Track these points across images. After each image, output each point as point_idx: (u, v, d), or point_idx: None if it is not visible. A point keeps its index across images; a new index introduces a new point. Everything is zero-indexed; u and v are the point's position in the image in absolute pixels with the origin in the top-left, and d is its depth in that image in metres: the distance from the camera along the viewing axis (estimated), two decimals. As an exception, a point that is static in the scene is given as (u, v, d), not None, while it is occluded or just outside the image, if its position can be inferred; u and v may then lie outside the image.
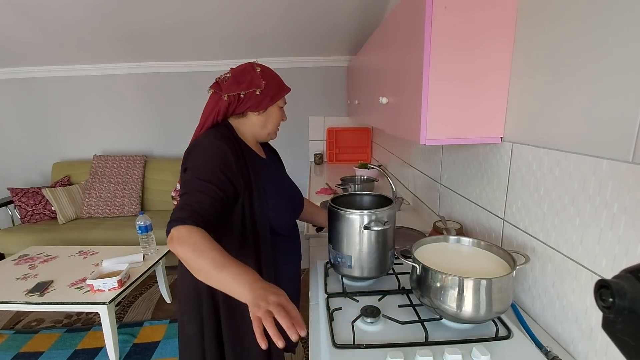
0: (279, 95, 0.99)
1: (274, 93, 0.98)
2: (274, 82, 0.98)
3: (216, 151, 0.87)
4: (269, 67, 1.01)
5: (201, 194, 0.80)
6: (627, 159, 0.60)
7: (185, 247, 0.71)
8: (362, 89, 2.03)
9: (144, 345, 2.00)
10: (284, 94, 1.01)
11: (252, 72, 0.96)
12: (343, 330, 0.81)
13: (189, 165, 0.87)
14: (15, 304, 1.74)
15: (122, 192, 3.09)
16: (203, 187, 0.81)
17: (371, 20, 2.47)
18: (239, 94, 0.93)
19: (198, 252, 0.70)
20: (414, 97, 0.96)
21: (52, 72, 3.18)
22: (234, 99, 0.94)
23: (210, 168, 0.84)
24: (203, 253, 0.70)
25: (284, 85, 1.02)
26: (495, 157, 1.03)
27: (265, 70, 0.99)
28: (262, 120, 1.00)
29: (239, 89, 0.93)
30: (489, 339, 0.76)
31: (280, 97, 1.00)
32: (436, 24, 0.86)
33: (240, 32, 2.62)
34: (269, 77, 0.97)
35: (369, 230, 0.94)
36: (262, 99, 0.95)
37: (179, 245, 0.72)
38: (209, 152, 0.87)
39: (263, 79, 0.95)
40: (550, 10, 0.78)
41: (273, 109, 1.00)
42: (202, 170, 0.84)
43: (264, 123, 1.00)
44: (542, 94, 0.81)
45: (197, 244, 0.71)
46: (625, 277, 0.31)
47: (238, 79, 0.95)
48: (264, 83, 0.95)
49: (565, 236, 0.76)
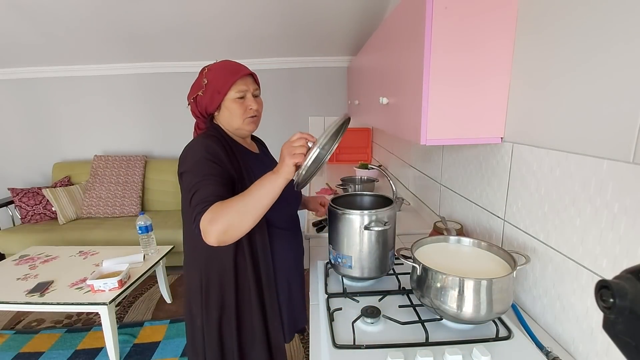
0: (225, 87, 0.94)
1: (220, 87, 0.94)
2: (218, 77, 0.95)
3: (205, 149, 0.90)
4: (222, 62, 0.99)
5: (208, 187, 0.83)
6: (627, 159, 0.60)
7: (219, 221, 0.76)
8: (363, 89, 2.03)
9: (144, 346, 2.00)
10: (231, 83, 0.94)
11: (199, 76, 0.98)
12: (343, 330, 0.81)
13: (184, 169, 0.89)
14: (15, 304, 1.75)
15: (122, 192, 3.09)
16: (205, 181, 0.84)
17: (371, 20, 2.47)
18: (191, 101, 0.99)
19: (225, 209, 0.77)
20: (415, 98, 0.96)
21: (52, 73, 3.18)
22: (193, 106, 1.00)
23: (205, 163, 0.87)
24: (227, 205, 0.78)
25: (233, 74, 0.95)
26: (495, 157, 1.03)
27: (213, 68, 0.97)
28: (225, 116, 0.98)
29: (190, 96, 0.99)
30: (490, 339, 0.76)
31: (228, 89, 0.94)
32: (436, 24, 0.86)
33: (240, 32, 2.62)
34: (214, 74, 0.96)
35: (369, 231, 0.94)
36: (210, 98, 0.96)
37: (214, 224, 0.76)
38: (198, 152, 0.90)
39: (206, 78, 0.96)
40: (550, 10, 0.78)
41: (226, 103, 0.96)
42: (198, 167, 0.87)
43: (229, 119, 0.98)
44: (543, 94, 0.81)
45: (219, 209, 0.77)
46: (626, 277, 0.31)
47: (192, 86, 1.00)
48: (205, 83, 0.95)
49: (565, 236, 0.76)
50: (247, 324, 0.99)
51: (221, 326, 0.99)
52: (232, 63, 0.99)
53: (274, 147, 1.23)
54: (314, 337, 0.82)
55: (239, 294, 0.98)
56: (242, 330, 1.00)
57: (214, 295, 0.98)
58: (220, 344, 0.99)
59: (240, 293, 0.98)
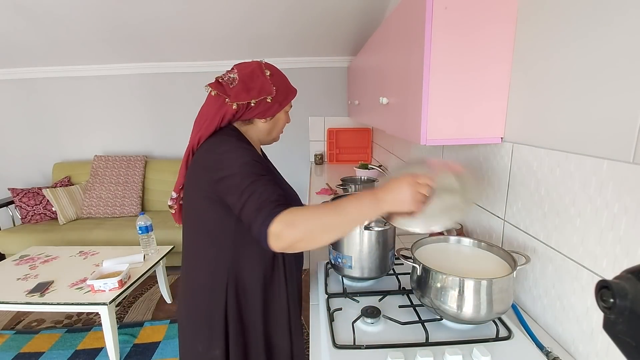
0: (287, 100, 0.93)
1: (282, 99, 0.92)
2: (283, 86, 0.92)
3: (247, 151, 0.81)
4: (277, 68, 0.94)
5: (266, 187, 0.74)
6: (627, 159, 0.60)
7: (300, 227, 0.67)
8: (363, 89, 2.03)
9: (144, 346, 2.00)
10: (292, 98, 0.95)
11: (262, 77, 0.88)
12: (343, 330, 0.81)
13: (228, 172, 0.77)
14: (15, 304, 1.74)
15: (122, 192, 3.09)
16: (261, 181, 0.75)
17: (372, 20, 2.48)
18: (249, 103, 0.86)
19: (310, 217, 0.68)
20: (415, 98, 0.96)
21: (53, 73, 3.18)
22: (243, 107, 0.86)
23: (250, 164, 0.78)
24: (315, 214, 0.68)
25: (292, 88, 0.96)
26: (495, 157, 1.03)
27: (275, 73, 0.91)
28: (269, 127, 0.94)
29: (249, 97, 0.86)
30: (490, 339, 0.76)
31: (288, 102, 0.95)
32: (436, 25, 0.86)
33: (241, 32, 2.62)
34: (279, 82, 0.91)
35: (369, 231, 0.94)
36: (270, 106, 0.89)
37: (292, 229, 0.67)
38: (240, 153, 0.80)
39: (274, 84, 0.89)
40: (550, 10, 0.78)
41: (280, 114, 0.95)
42: (246, 168, 0.77)
43: (270, 130, 0.96)
44: (543, 94, 0.81)
45: (303, 214, 0.68)
46: (626, 277, 0.31)
47: (248, 84, 0.86)
48: (274, 89, 0.88)
49: (566, 237, 0.76)
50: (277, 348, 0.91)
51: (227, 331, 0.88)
52: (285, 75, 0.96)
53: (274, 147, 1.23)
54: (314, 337, 0.82)
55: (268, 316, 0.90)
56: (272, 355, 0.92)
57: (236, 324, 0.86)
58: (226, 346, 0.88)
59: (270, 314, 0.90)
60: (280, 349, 0.92)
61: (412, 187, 0.70)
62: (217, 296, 0.86)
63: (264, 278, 0.88)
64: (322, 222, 0.69)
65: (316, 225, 0.68)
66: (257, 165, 0.78)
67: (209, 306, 0.87)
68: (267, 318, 0.90)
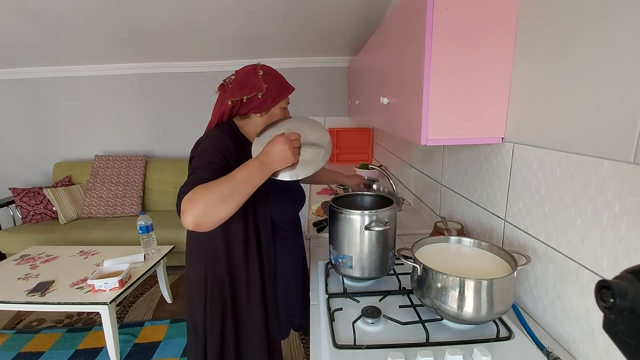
0: (281, 96, 1.01)
1: (275, 95, 0.99)
2: (276, 84, 1.00)
3: (219, 141, 0.92)
4: (273, 68, 1.03)
5: (204, 171, 0.84)
6: (628, 159, 0.60)
7: (199, 202, 0.74)
8: (363, 89, 2.03)
9: (144, 346, 2.00)
10: (287, 94, 1.03)
11: (255, 76, 0.98)
12: (344, 330, 0.81)
13: (195, 154, 0.91)
14: (16, 304, 1.75)
15: (123, 192, 3.09)
16: (205, 165, 0.86)
17: (372, 20, 2.47)
18: (242, 99, 0.97)
19: (207, 191, 0.76)
20: (415, 98, 0.96)
21: (53, 73, 3.18)
22: (237, 103, 0.97)
23: (213, 152, 0.89)
24: (211, 187, 0.76)
25: (287, 86, 1.04)
26: (496, 157, 1.03)
27: (268, 72, 1.00)
28: (265, 121, 1.02)
29: (242, 94, 0.97)
30: (490, 339, 0.76)
31: (283, 99, 1.02)
32: (437, 25, 0.86)
33: (241, 32, 2.62)
34: (271, 80, 0.99)
35: (370, 231, 0.94)
36: (263, 102, 0.98)
37: (192, 205, 0.74)
38: (212, 141, 0.92)
39: (265, 82, 0.97)
40: (551, 10, 0.78)
41: (275, 110, 1.02)
42: (205, 154, 0.89)
43: (266, 124, 1.02)
44: (544, 94, 0.81)
45: (202, 190, 0.76)
46: (627, 277, 0.31)
47: (241, 83, 0.98)
48: (265, 87, 0.97)
49: (566, 237, 0.76)
50: (248, 319, 1.02)
51: (224, 320, 1.01)
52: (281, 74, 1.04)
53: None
54: (314, 337, 0.82)
55: (243, 290, 1.00)
56: (242, 325, 1.02)
57: (218, 291, 1.00)
58: (221, 338, 1.02)
59: (244, 290, 1.00)
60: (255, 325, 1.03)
61: (287, 144, 0.85)
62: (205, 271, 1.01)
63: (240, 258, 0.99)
64: (218, 192, 0.76)
65: (213, 197, 0.75)
66: (213, 152, 0.88)
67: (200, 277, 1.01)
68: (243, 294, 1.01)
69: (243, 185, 0.80)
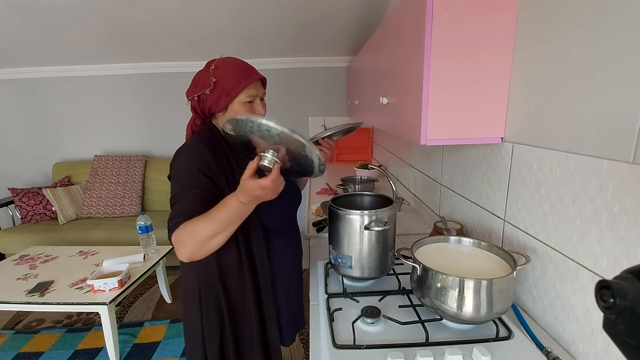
0: (235, 90, 0.89)
1: (229, 89, 0.89)
2: (230, 76, 0.89)
3: (195, 154, 0.88)
4: (234, 59, 0.93)
5: (186, 201, 0.83)
6: (627, 159, 0.60)
7: (187, 244, 0.78)
8: (363, 89, 2.03)
9: (144, 346, 2.00)
10: (244, 85, 0.89)
11: (205, 71, 0.92)
12: (343, 330, 0.81)
13: (172, 172, 0.89)
14: (15, 304, 1.75)
15: (122, 192, 3.09)
16: (188, 193, 0.84)
17: (372, 20, 2.47)
18: (194, 97, 0.92)
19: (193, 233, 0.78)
20: (415, 97, 0.96)
21: (53, 73, 3.18)
22: (195, 103, 0.93)
23: (191, 172, 0.86)
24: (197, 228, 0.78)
25: (246, 76, 0.90)
26: (495, 157, 1.03)
27: (222, 65, 0.91)
28: None
29: (194, 92, 0.92)
30: (490, 339, 0.76)
31: (239, 92, 0.89)
32: (437, 24, 0.86)
33: (241, 32, 2.62)
34: (224, 73, 0.89)
35: (370, 231, 0.94)
36: (217, 98, 0.90)
37: (182, 247, 0.79)
38: (188, 157, 0.88)
39: (214, 76, 0.89)
40: (551, 10, 0.78)
41: (234, 106, 0.91)
42: (183, 176, 0.86)
43: None
44: (543, 94, 0.81)
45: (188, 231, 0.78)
46: (626, 277, 0.31)
47: (195, 81, 0.94)
48: (213, 81, 0.88)
49: (566, 237, 0.76)
50: (246, 328, 0.98)
51: (222, 331, 0.97)
52: (242, 63, 0.93)
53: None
54: (314, 337, 0.82)
55: (237, 298, 0.97)
56: (240, 334, 0.99)
57: (212, 300, 0.96)
58: (221, 348, 0.98)
59: (238, 297, 0.97)
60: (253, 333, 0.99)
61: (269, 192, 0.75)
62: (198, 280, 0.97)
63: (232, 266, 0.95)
64: (204, 234, 0.78)
65: (199, 238, 0.78)
66: (193, 173, 0.85)
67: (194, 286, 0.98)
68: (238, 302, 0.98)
69: (228, 224, 0.79)
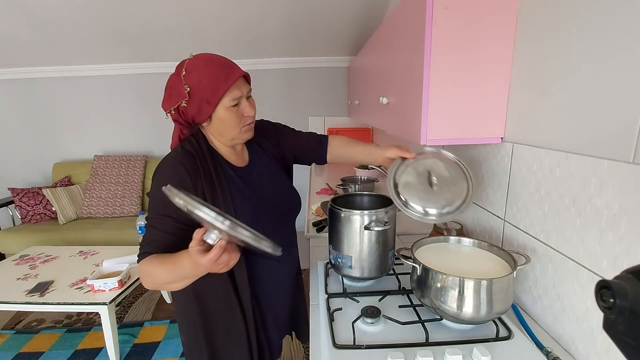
0: (216, 96, 0.78)
1: (209, 96, 0.78)
2: (204, 82, 0.78)
3: (169, 175, 0.81)
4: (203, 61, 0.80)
5: (157, 231, 0.80)
6: (627, 159, 0.60)
7: (147, 281, 0.80)
8: (363, 89, 2.03)
9: (144, 346, 2.00)
10: (224, 90, 0.78)
11: (177, 79, 0.80)
12: (343, 330, 0.81)
13: (150, 192, 0.83)
14: (15, 304, 1.75)
15: (122, 192, 3.09)
16: (158, 221, 0.80)
17: (372, 20, 2.48)
18: (171, 110, 0.83)
19: (153, 275, 0.78)
20: (415, 98, 0.96)
21: (53, 73, 3.18)
22: (175, 115, 0.84)
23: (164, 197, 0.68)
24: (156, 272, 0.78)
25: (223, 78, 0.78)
26: (495, 157, 1.03)
27: (194, 68, 0.79)
28: (217, 127, 0.84)
29: (170, 104, 0.82)
30: (490, 339, 0.76)
31: (220, 97, 0.79)
32: (437, 24, 0.86)
33: (240, 32, 2.62)
34: (196, 79, 0.78)
35: (370, 231, 0.93)
36: (197, 108, 0.79)
37: (144, 280, 0.81)
38: (162, 178, 0.81)
39: (188, 84, 0.78)
40: (551, 10, 0.78)
41: (219, 113, 0.81)
42: (157, 199, 0.78)
43: (220, 130, 0.85)
44: (543, 94, 0.81)
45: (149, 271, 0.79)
46: (627, 277, 0.31)
47: (168, 90, 0.83)
48: (188, 90, 0.78)
49: (566, 237, 0.76)
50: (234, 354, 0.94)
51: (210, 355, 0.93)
52: (216, 61, 0.80)
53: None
54: (314, 337, 0.82)
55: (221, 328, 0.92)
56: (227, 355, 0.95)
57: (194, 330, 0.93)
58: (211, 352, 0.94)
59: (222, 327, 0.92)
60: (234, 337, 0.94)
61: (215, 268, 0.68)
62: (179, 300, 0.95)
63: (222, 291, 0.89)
64: (161, 280, 0.79)
65: (158, 282, 0.80)
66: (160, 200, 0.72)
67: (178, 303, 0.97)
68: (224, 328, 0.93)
69: (183, 277, 0.75)
